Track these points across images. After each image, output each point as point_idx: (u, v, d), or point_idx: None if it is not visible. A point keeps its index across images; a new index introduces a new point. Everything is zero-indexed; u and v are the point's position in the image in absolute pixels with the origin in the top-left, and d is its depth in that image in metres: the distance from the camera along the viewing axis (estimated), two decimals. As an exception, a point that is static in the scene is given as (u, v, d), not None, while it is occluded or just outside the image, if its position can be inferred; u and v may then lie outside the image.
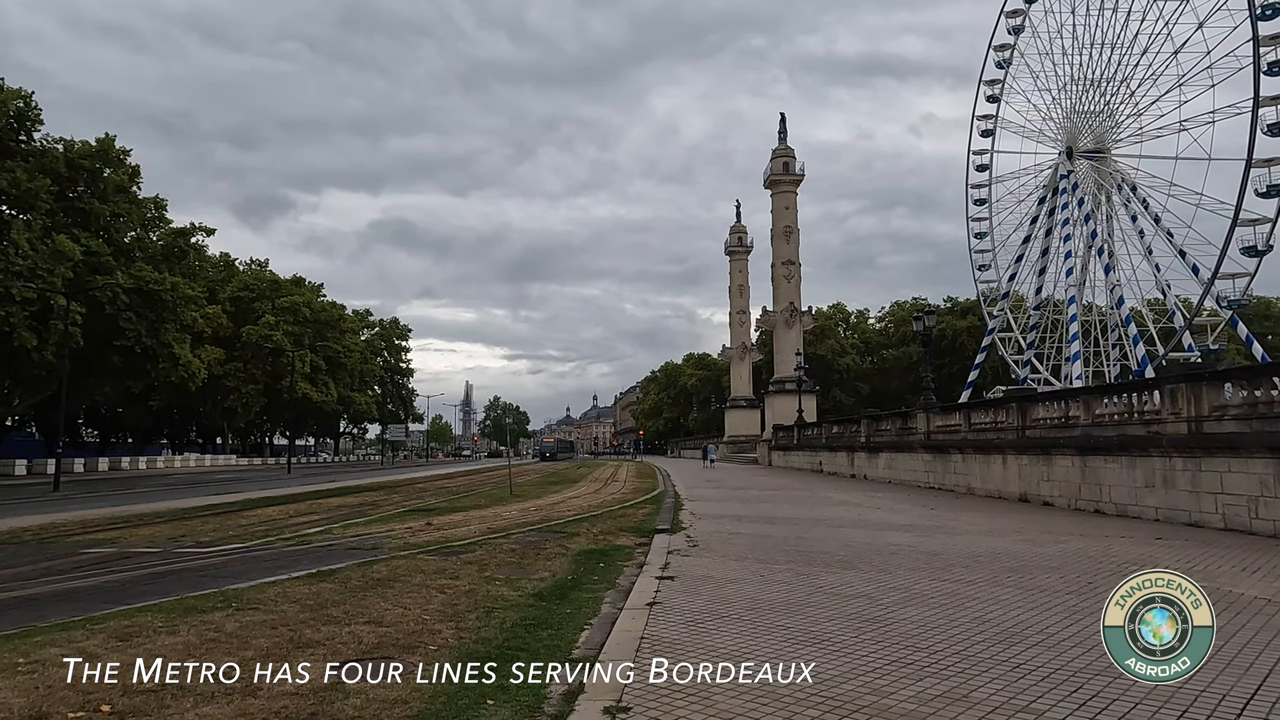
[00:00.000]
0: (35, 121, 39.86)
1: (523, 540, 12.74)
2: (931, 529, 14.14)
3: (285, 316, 60.16)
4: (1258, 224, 50.74)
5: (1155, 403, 15.67)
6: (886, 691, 4.90)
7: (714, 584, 8.60)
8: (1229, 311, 54.62)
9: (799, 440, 46.96)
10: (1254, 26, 48.96)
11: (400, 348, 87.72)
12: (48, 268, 37.26)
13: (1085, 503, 17.17)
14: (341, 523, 18.57)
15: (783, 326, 64.10)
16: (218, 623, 6.91)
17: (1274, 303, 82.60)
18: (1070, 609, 7.18)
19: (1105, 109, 61.41)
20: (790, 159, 66.13)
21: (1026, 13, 67.25)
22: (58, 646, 6.15)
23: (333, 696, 4.90)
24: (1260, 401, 13.16)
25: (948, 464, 24.87)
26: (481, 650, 6.02)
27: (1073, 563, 9.97)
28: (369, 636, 6.42)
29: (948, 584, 8.59)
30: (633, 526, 14.85)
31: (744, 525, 15.08)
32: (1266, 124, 49.19)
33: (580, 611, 7.47)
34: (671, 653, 5.77)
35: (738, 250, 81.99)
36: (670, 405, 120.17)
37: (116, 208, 43.82)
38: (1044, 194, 67.01)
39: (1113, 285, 61.37)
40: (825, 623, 6.75)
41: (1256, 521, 12.61)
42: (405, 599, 7.93)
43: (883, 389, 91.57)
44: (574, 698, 4.86)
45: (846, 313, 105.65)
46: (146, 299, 42.90)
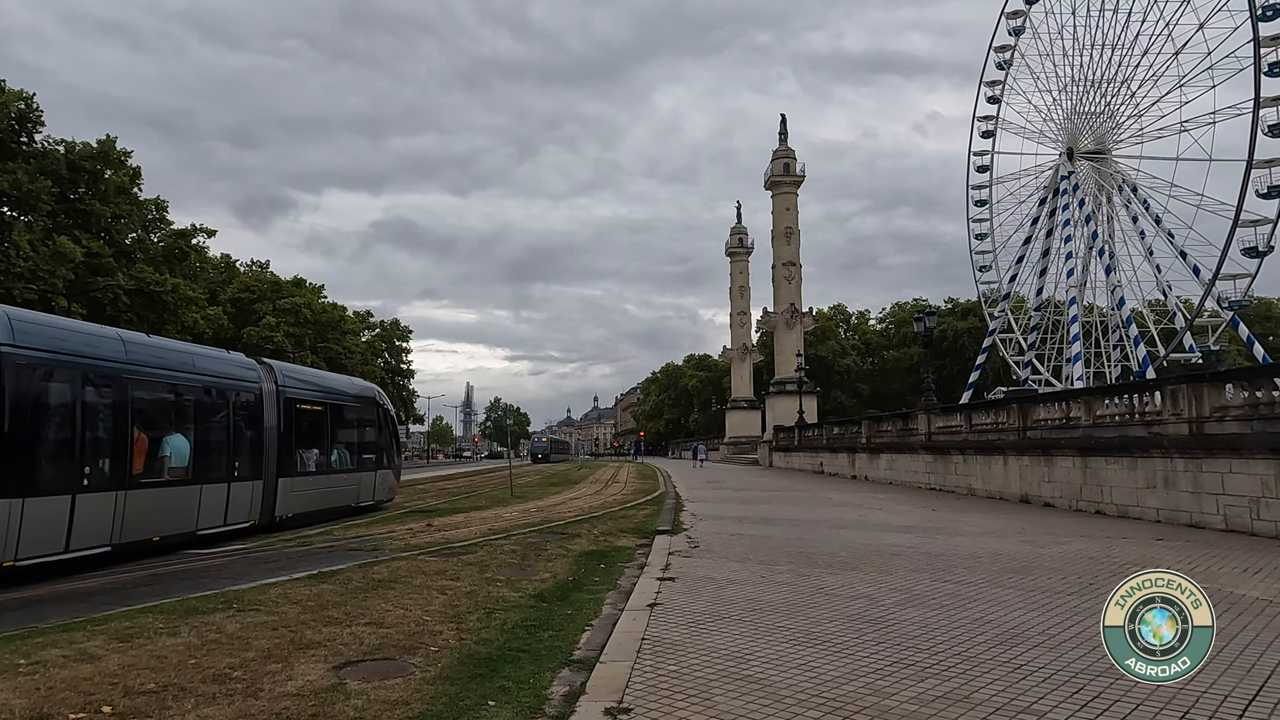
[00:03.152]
0: (37, 123, 39.92)
1: (524, 541, 12.74)
2: (932, 530, 14.14)
3: (286, 318, 60.12)
4: (1259, 225, 50.70)
5: (1156, 403, 15.66)
6: (888, 692, 4.90)
7: (715, 585, 8.60)
8: (1230, 312, 54.57)
9: (800, 441, 46.95)
10: (1255, 27, 48.92)
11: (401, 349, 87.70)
12: (49, 269, 37.28)
13: (1086, 504, 17.16)
14: (342, 524, 18.59)
15: (783, 327, 64.09)
16: (219, 624, 6.92)
17: (1275, 303, 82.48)
18: (1071, 610, 7.18)
19: (1106, 110, 61.38)
20: (791, 160, 66.11)
21: (1027, 13, 67.19)
22: (59, 647, 6.15)
23: (334, 698, 4.90)
24: (1261, 402, 13.16)
25: (949, 465, 24.86)
26: (483, 651, 6.02)
27: (1074, 564, 9.96)
28: (370, 638, 6.42)
29: (949, 585, 8.59)
30: (634, 528, 14.85)
31: (745, 526, 15.08)
32: (1267, 125, 49.14)
33: (581, 613, 7.47)
34: (673, 654, 5.78)
35: (738, 251, 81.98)
36: (671, 406, 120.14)
37: (118, 209, 43.86)
38: (1045, 195, 66.95)
39: (1114, 286, 61.30)
40: (826, 624, 6.75)
41: (1258, 523, 12.60)
42: (406, 600, 7.93)
43: (883, 390, 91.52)
44: (575, 699, 4.86)
45: (847, 314, 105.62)
46: (148, 300, 42.92)
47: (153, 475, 13.78)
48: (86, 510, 11.80)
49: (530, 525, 15.46)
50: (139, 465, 13.20)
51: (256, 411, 16.94)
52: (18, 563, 10.61)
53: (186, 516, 14.40)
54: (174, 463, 14.28)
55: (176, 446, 14.38)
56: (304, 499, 18.60)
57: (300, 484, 18.51)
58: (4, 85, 38.46)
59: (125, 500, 12.61)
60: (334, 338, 66.58)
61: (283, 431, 17.64)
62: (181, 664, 5.64)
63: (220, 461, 15.58)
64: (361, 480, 21.99)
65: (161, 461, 14.03)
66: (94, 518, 11.99)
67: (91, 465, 12.21)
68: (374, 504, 22.56)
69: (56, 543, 11.30)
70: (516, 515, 18.33)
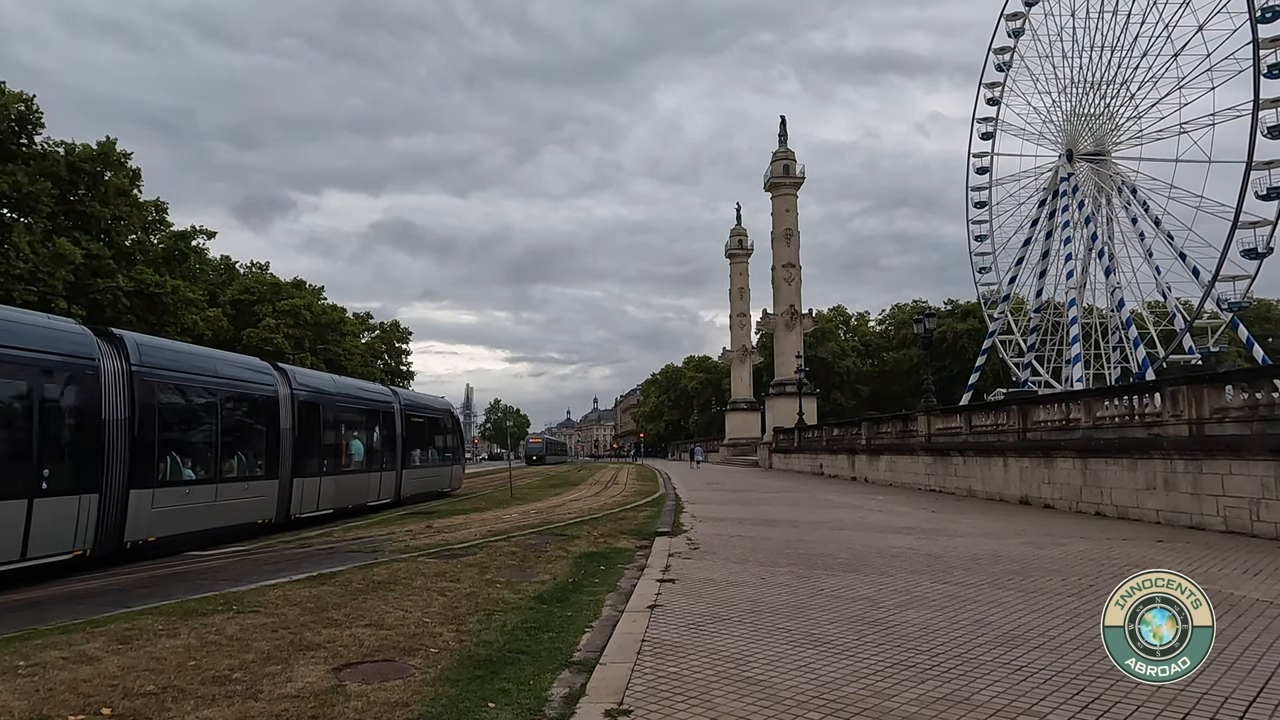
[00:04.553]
0: (37, 125, 39.91)
1: (523, 543, 12.73)
2: (932, 531, 14.13)
3: (286, 319, 60.03)
4: (1258, 226, 50.80)
5: (1156, 405, 15.66)
6: (888, 694, 4.89)
7: (715, 586, 8.59)
8: (1230, 314, 54.64)
9: (799, 443, 46.93)
10: (1254, 29, 49.04)
11: (401, 350, 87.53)
12: (49, 271, 37.25)
13: (1086, 505, 17.15)
14: (342, 525, 18.59)
15: (783, 329, 64.11)
16: (218, 625, 6.91)
17: (1275, 305, 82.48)
18: (1072, 611, 7.17)
19: (1105, 111, 61.48)
20: (790, 161, 66.15)
21: (1027, 15, 67.34)
22: (59, 649, 6.15)
23: (334, 699, 4.90)
24: (1261, 404, 13.15)
25: (948, 466, 24.86)
26: (482, 653, 6.01)
27: (1074, 565, 9.96)
28: (370, 639, 6.41)
29: (949, 586, 8.58)
30: (633, 529, 14.83)
31: (745, 528, 15.07)
32: (1267, 126, 49.28)
33: (581, 614, 7.46)
34: (673, 655, 5.77)
35: (738, 253, 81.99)
36: (671, 408, 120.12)
37: (117, 211, 43.82)
38: (1044, 196, 67.07)
39: (1113, 288, 61.37)
40: (826, 625, 6.74)
41: (1258, 524, 12.59)
42: (406, 602, 7.92)
43: (883, 391, 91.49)
44: (575, 700, 4.85)
45: (847, 315, 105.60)
46: (147, 302, 42.90)
47: (347, 465, 21.58)
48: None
49: (530, 527, 15.45)
50: (344, 460, 21.35)
51: (391, 424, 25.04)
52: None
53: (365, 493, 22.61)
54: (356, 457, 22.16)
55: (357, 448, 22.25)
56: (419, 484, 26.75)
57: (417, 473, 26.78)
58: (4, 87, 38.46)
59: (333, 482, 20.32)
60: (334, 339, 66.48)
61: (405, 437, 25.60)
62: (181, 666, 5.64)
63: (376, 457, 23.65)
64: (453, 471, 31.49)
65: (350, 457, 21.79)
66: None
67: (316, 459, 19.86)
68: (452, 490, 30.83)
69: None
70: (516, 517, 18.32)
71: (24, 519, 11.09)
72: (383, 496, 23.70)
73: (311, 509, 19.40)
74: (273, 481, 17.62)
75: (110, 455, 12.85)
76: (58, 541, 11.74)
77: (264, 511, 17.26)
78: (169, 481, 14.29)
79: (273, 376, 18.53)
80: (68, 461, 12.25)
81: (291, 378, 19.34)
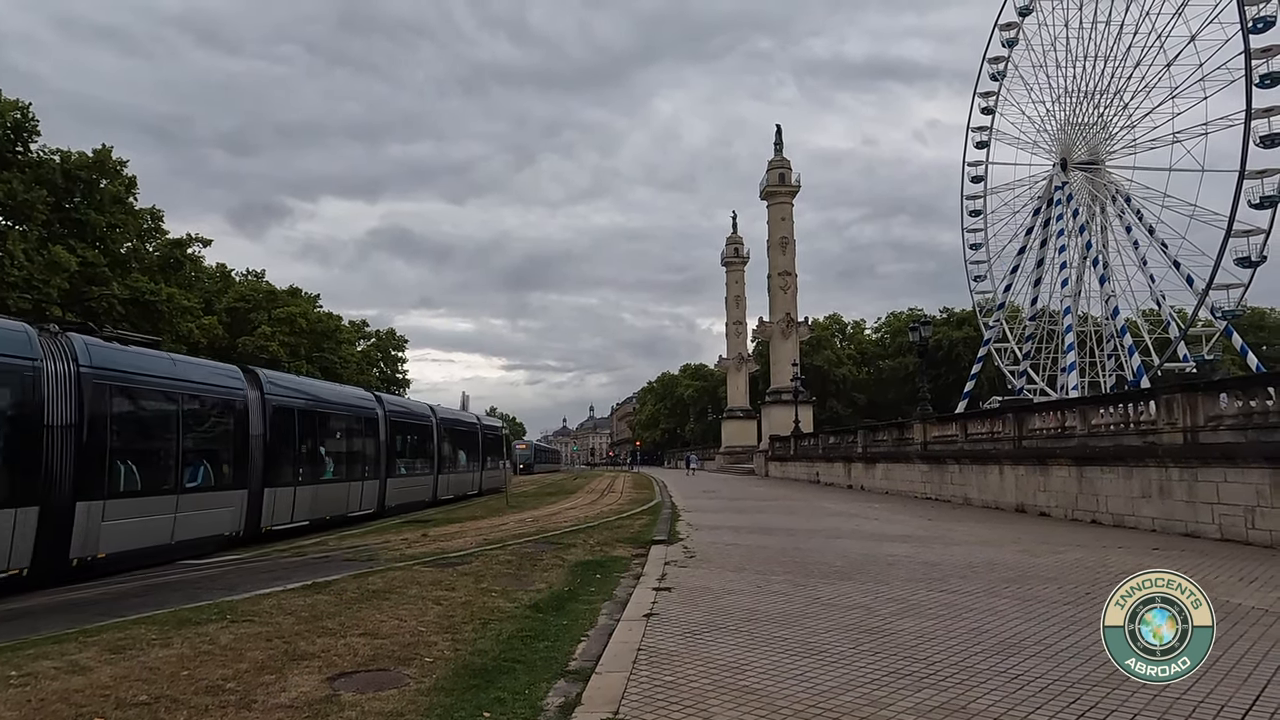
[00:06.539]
0: (32, 132, 39.93)
1: (519, 551, 12.70)
2: (928, 539, 14.13)
3: (282, 327, 59.93)
4: (1251, 235, 51.03)
5: (1151, 413, 15.69)
6: (884, 703, 4.88)
7: (711, 595, 8.58)
8: (1224, 322, 54.88)
9: (796, 451, 46.93)
10: (1245, 39, 49.38)
11: (397, 359, 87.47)
12: (43, 279, 37.18)
13: (1082, 513, 17.17)
14: (337, 534, 18.52)
15: (779, 337, 64.21)
16: (212, 634, 6.88)
17: (1268, 313, 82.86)
18: (1068, 619, 7.17)
19: (1099, 121, 61.82)
20: (786, 170, 66.38)
21: (1020, 25, 67.77)
22: (51, 659, 6.11)
23: (328, 709, 4.87)
24: (1256, 411, 13.19)
25: (944, 474, 24.87)
26: (478, 662, 5.99)
27: (1070, 573, 9.96)
28: (365, 648, 6.39)
29: (945, 595, 8.57)
30: (630, 537, 14.81)
31: (741, 536, 15.05)
32: (1259, 136, 49.58)
33: (577, 623, 7.44)
34: (669, 664, 5.75)
35: (734, 261, 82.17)
36: (667, 416, 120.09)
37: (113, 218, 43.78)
38: (1039, 205, 67.36)
39: (1108, 296, 61.59)
40: (823, 634, 6.73)
41: (1253, 532, 12.61)
42: (401, 610, 7.90)
43: (879, 399, 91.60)
44: (570, 710, 4.83)
45: (843, 323, 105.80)
46: (143, 310, 42.82)
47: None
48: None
49: (526, 535, 15.42)
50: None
51: (474, 438, 35.28)
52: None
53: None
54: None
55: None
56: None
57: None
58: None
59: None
60: (329, 347, 66.41)
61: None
62: (174, 675, 5.60)
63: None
64: (505, 471, 39.68)
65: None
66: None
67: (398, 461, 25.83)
68: (495, 489, 36.01)
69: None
70: (512, 525, 18.29)
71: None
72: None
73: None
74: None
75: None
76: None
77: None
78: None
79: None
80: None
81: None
